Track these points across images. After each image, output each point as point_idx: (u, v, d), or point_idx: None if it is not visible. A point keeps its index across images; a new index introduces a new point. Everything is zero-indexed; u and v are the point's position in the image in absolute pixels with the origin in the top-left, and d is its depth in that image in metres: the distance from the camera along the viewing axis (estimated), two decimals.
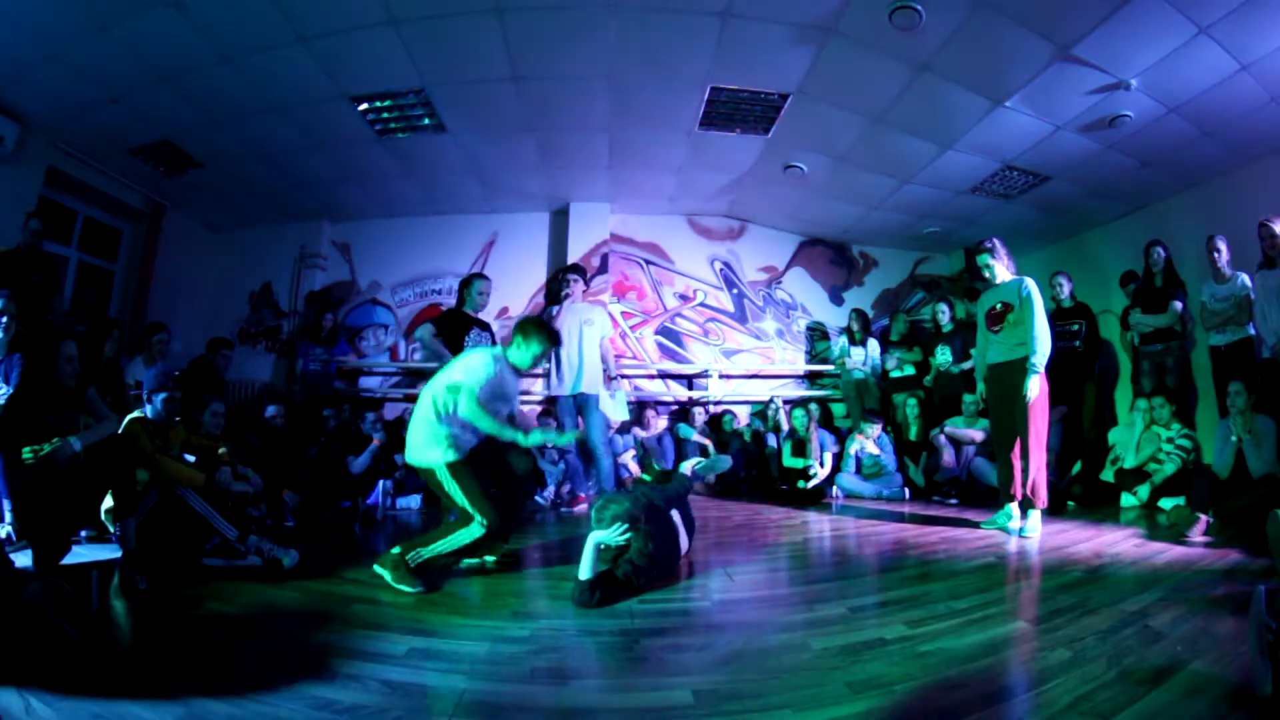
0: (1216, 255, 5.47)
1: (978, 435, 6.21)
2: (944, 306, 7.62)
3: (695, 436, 7.59)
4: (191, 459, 4.04)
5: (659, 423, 7.89)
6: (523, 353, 3.55)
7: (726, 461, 5.46)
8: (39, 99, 5.40)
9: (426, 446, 3.34)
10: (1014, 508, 4.45)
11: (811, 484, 6.38)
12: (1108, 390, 7.09)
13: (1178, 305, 5.90)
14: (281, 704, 1.78)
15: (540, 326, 3.60)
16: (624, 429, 7.31)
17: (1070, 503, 5.57)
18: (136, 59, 4.97)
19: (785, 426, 7.11)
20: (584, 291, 6.15)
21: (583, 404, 5.67)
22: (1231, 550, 3.54)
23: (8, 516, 3.45)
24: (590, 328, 5.72)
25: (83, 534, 3.59)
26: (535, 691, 1.91)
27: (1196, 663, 1.92)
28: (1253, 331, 5.33)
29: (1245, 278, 5.38)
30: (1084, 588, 2.87)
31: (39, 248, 5.47)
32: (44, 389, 3.52)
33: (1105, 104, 5.39)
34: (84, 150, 6.30)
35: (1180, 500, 4.73)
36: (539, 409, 7.73)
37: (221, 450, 4.32)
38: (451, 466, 3.29)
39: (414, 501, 6.11)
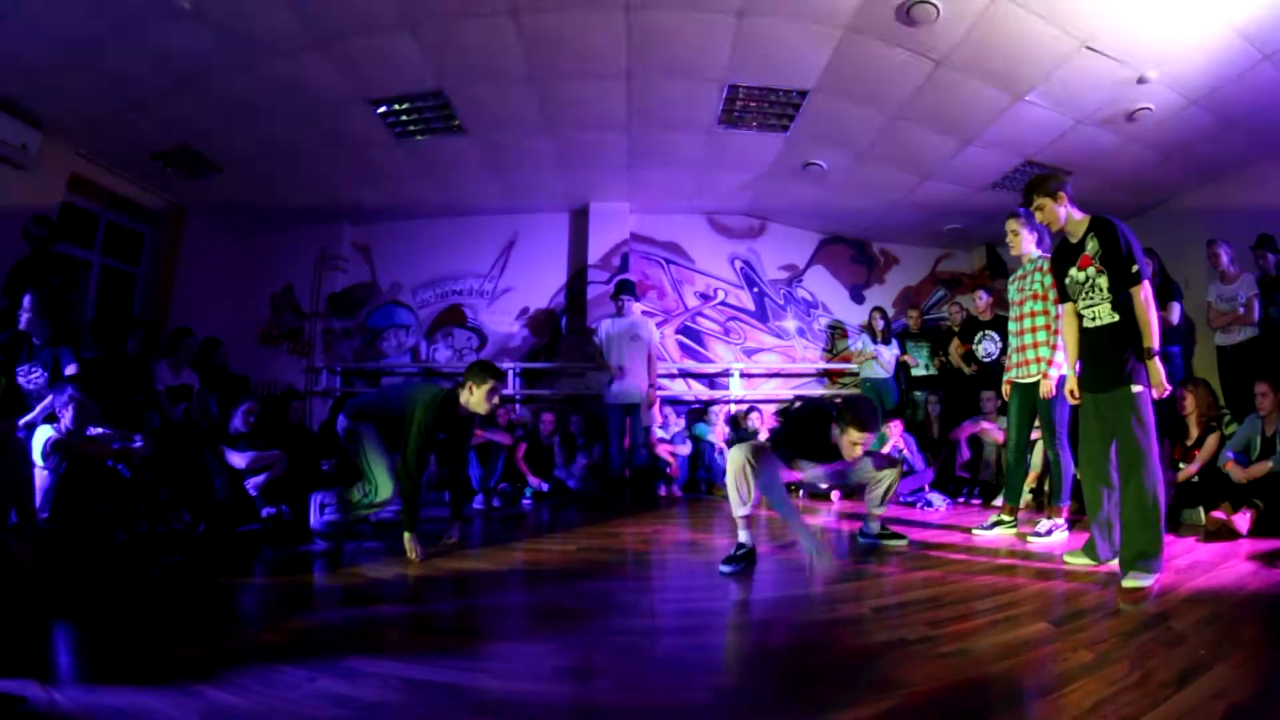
0: (1215, 260, 5.46)
1: (1000, 435, 6.09)
2: (983, 292, 6.94)
3: (710, 436, 7.55)
4: None
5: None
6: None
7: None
8: (61, 107, 5.48)
9: None
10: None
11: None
12: None
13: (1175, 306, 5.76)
14: (302, 700, 1.80)
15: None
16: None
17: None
18: (157, 66, 5.02)
19: None
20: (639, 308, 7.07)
21: (634, 412, 6.62)
22: (1254, 552, 3.49)
23: None
24: (640, 342, 6.62)
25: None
26: (556, 690, 1.93)
27: (1220, 665, 1.90)
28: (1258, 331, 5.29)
29: (1251, 278, 5.36)
30: (1106, 589, 2.84)
31: (49, 250, 5.47)
32: None
33: (1126, 96, 5.33)
34: (106, 156, 6.38)
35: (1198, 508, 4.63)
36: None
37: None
38: None
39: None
